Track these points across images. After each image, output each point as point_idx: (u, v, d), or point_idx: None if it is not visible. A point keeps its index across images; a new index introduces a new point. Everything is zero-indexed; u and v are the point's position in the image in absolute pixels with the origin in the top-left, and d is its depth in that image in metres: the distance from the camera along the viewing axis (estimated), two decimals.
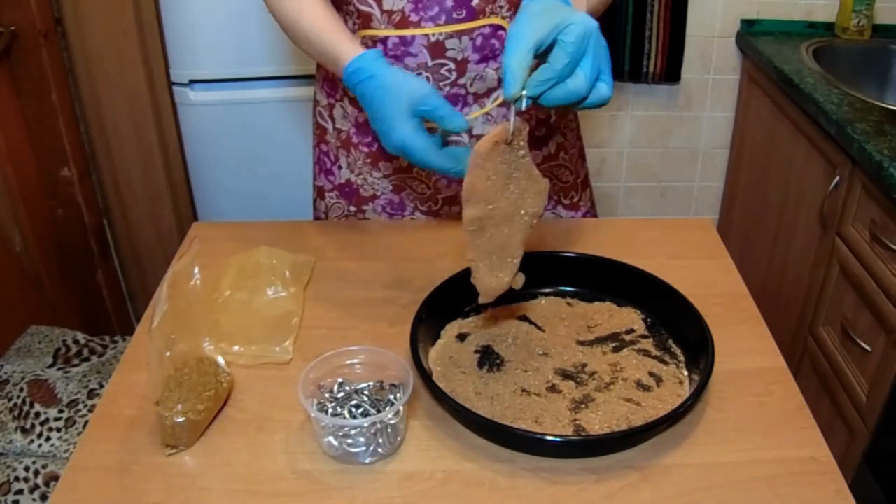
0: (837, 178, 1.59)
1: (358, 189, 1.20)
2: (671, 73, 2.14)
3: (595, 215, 1.31)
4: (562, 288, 1.02)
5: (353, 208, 1.23)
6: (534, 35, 0.77)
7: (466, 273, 0.99)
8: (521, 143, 0.81)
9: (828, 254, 1.64)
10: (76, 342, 1.56)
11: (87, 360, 1.52)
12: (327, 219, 1.26)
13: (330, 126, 1.20)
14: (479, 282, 0.87)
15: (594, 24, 0.79)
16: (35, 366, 1.45)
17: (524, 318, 0.98)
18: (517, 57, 0.77)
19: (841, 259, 1.59)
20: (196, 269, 0.82)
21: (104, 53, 1.87)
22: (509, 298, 1.00)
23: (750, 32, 2.12)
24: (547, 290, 1.02)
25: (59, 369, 1.46)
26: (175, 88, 1.85)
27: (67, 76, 1.89)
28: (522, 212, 0.84)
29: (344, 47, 0.94)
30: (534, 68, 0.79)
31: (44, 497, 1.24)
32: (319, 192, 1.26)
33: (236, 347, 0.92)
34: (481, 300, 0.89)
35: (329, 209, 1.25)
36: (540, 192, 0.84)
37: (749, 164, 2.18)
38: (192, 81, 1.81)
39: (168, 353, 0.80)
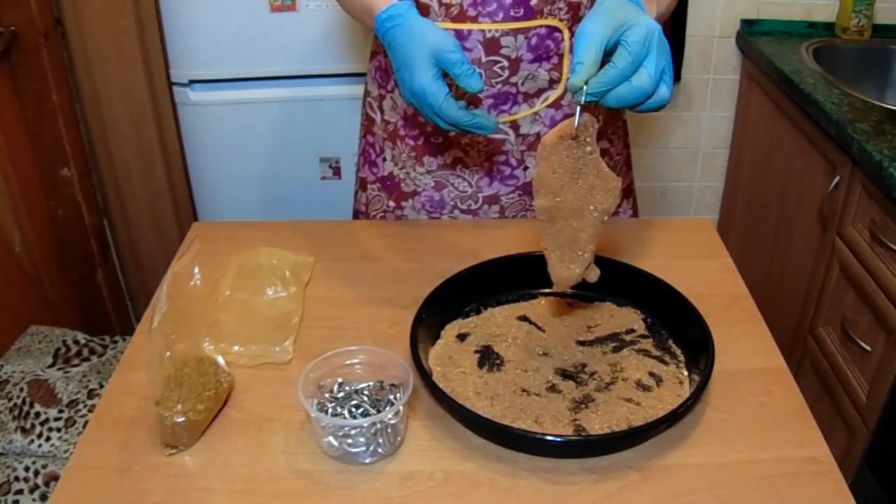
0: (837, 178, 1.59)
1: (399, 183, 1.21)
2: None
3: None
4: None
5: (392, 204, 1.22)
6: (602, 32, 0.78)
7: (466, 273, 1.00)
8: (589, 140, 0.82)
9: (828, 254, 1.64)
10: (76, 342, 1.56)
11: (87, 360, 1.52)
12: (367, 211, 1.26)
13: (378, 117, 1.21)
14: (551, 270, 0.88)
15: (657, 25, 0.80)
16: (35, 366, 1.45)
17: (524, 318, 0.98)
18: (590, 52, 0.78)
19: (841, 259, 1.58)
20: (196, 269, 0.82)
21: (104, 53, 1.87)
22: (509, 298, 1.01)
23: (750, 32, 2.12)
24: (547, 291, 1.02)
25: (59, 369, 1.46)
26: (175, 88, 1.85)
27: (67, 76, 1.89)
28: (591, 207, 0.84)
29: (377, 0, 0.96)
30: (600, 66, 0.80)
31: (44, 497, 1.24)
32: (362, 184, 1.27)
33: (236, 347, 0.92)
34: (555, 288, 0.90)
35: (370, 201, 1.25)
36: (610, 189, 0.84)
37: (749, 164, 2.18)
38: (192, 81, 1.81)
39: (168, 353, 0.80)
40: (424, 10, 1.04)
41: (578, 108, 0.79)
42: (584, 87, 0.78)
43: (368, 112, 1.24)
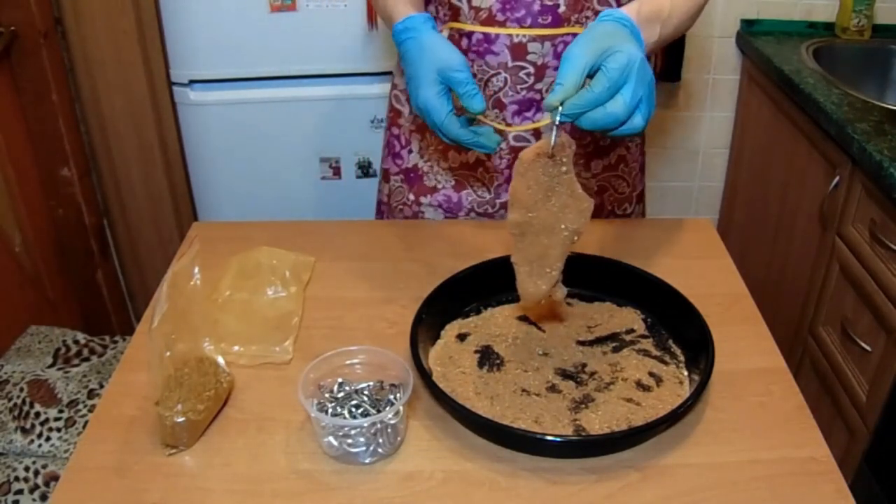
0: (837, 178, 1.59)
1: (422, 176, 1.22)
2: (671, 72, 2.14)
3: None
4: None
5: (411, 197, 1.23)
6: (586, 57, 0.80)
7: (466, 273, 1.00)
8: (564, 160, 0.83)
9: (828, 254, 1.64)
10: (76, 342, 1.56)
11: (87, 360, 1.52)
12: (389, 202, 1.28)
13: (406, 110, 1.23)
14: (519, 285, 0.88)
15: (639, 55, 0.81)
16: (35, 366, 1.45)
17: (524, 318, 0.98)
18: (571, 74, 0.80)
19: (841, 259, 1.58)
20: (196, 269, 0.82)
21: (104, 53, 1.87)
22: (509, 298, 1.01)
23: (750, 32, 2.12)
24: None
25: (59, 369, 1.46)
26: (175, 88, 1.84)
27: (67, 76, 1.89)
28: (563, 226, 0.85)
29: (399, 8, 0.99)
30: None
31: (44, 497, 1.24)
32: (385, 175, 1.29)
33: (236, 347, 0.92)
34: (522, 303, 0.91)
35: (392, 192, 1.27)
36: (582, 210, 0.84)
37: (749, 164, 2.18)
38: (192, 81, 1.81)
39: (168, 353, 0.80)
40: (455, 12, 1.06)
41: (555, 127, 0.81)
42: (560, 108, 0.79)
43: (394, 104, 1.25)
